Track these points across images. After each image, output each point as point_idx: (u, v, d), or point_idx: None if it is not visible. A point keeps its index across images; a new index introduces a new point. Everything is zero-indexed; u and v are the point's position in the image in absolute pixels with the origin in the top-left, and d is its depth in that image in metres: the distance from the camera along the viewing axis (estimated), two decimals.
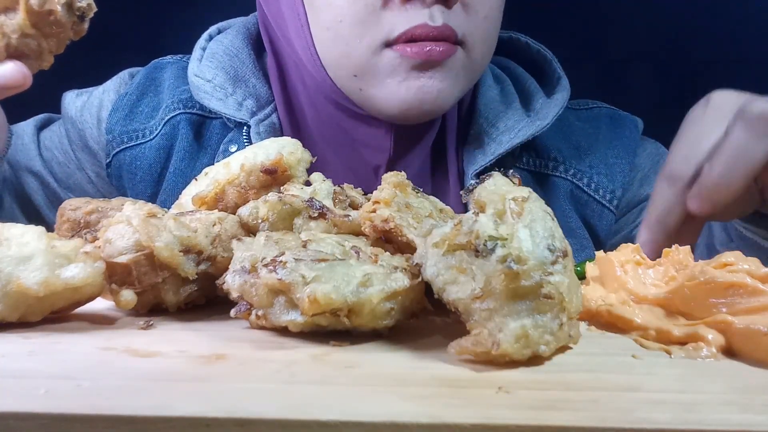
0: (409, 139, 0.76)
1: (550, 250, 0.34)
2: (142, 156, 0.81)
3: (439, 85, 0.67)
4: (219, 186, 0.51)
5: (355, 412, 0.27)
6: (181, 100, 0.82)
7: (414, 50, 0.65)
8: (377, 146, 0.76)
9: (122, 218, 0.43)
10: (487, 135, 0.76)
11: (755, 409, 0.28)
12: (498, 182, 0.39)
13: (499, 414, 0.27)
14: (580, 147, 0.82)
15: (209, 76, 0.78)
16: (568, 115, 0.85)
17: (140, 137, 0.81)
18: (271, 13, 0.77)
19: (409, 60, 0.66)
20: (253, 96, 0.78)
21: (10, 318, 0.39)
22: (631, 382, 0.31)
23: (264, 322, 0.39)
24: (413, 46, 0.65)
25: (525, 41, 0.85)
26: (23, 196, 0.85)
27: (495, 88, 0.81)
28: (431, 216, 0.46)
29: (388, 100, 0.68)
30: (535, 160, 0.81)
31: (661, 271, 0.44)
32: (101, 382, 0.30)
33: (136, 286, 0.42)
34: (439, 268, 0.35)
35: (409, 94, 0.67)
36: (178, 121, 0.81)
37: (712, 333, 0.37)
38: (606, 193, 0.81)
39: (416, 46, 0.65)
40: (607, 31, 1.14)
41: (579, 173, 0.81)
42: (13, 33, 0.51)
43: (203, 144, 0.81)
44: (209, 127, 0.81)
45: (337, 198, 0.51)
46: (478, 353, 0.33)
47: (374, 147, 0.76)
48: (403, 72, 0.67)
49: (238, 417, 0.26)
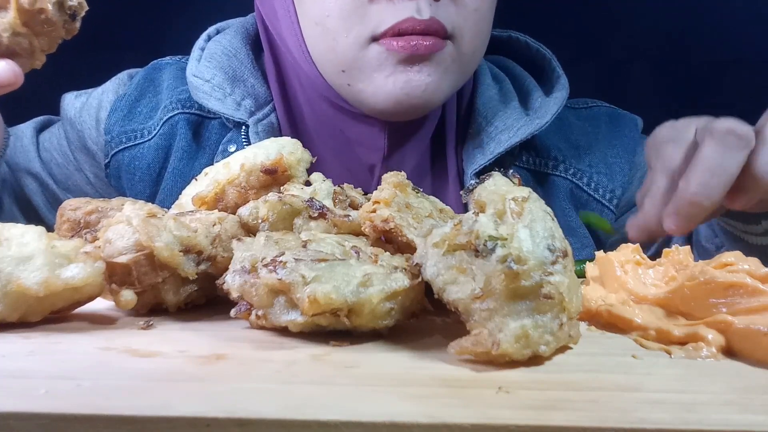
0: (403, 137, 0.76)
1: (550, 250, 0.34)
2: (141, 156, 0.81)
3: (427, 80, 0.67)
4: (219, 186, 0.51)
5: (355, 412, 0.27)
6: (180, 100, 0.82)
7: (400, 44, 0.65)
8: (371, 145, 0.76)
9: (122, 218, 0.43)
10: (485, 134, 0.76)
11: (755, 409, 0.28)
12: (498, 182, 0.39)
13: (499, 414, 0.27)
14: (579, 146, 0.82)
15: (208, 76, 0.78)
16: (568, 115, 0.85)
17: (139, 137, 0.81)
18: (265, 11, 0.78)
19: (396, 54, 0.66)
20: (252, 96, 0.78)
21: (10, 318, 0.39)
22: (631, 382, 0.31)
23: (264, 322, 0.39)
24: (399, 40, 0.65)
25: (524, 41, 0.85)
26: (23, 198, 0.85)
27: (494, 87, 0.81)
28: (431, 216, 0.46)
29: (375, 95, 0.68)
30: (534, 159, 0.81)
31: (661, 271, 0.44)
32: (101, 382, 0.30)
33: (136, 286, 0.42)
34: (439, 268, 0.35)
35: (396, 88, 0.67)
36: (177, 121, 0.81)
37: (712, 333, 0.37)
38: (606, 193, 0.81)
39: (402, 40, 0.65)
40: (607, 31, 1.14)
41: (579, 172, 0.81)
42: (4, 32, 0.51)
43: (202, 144, 0.81)
44: (208, 127, 0.81)
45: (337, 198, 0.51)
46: (478, 353, 0.33)
47: (368, 146, 0.76)
48: (389, 66, 0.67)
49: (238, 417, 0.26)
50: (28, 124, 0.87)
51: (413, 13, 0.65)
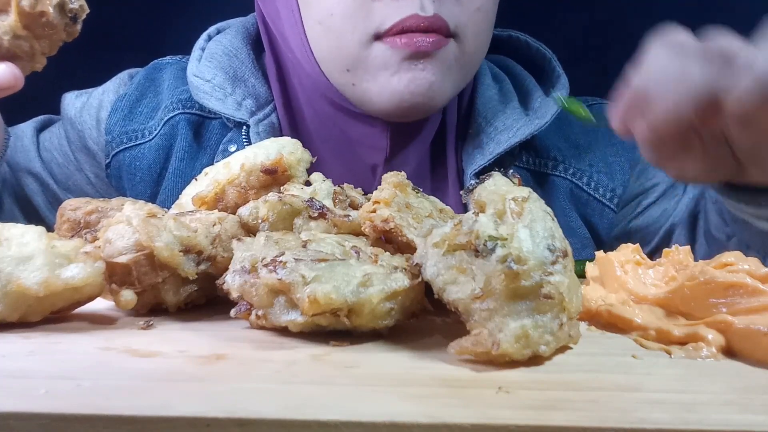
0: (405, 137, 0.76)
1: (550, 250, 0.34)
2: (142, 156, 0.81)
3: (431, 78, 0.67)
4: (219, 186, 0.51)
5: (355, 412, 0.27)
6: (181, 101, 0.82)
7: (404, 41, 0.65)
8: (373, 145, 0.76)
9: (122, 218, 0.43)
10: (485, 134, 0.76)
11: (755, 409, 0.28)
12: (498, 182, 0.39)
13: (499, 414, 0.27)
14: (579, 145, 0.82)
15: (208, 76, 0.78)
16: (567, 114, 0.84)
17: (139, 138, 0.81)
18: (267, 10, 0.78)
19: (400, 51, 0.66)
20: (252, 96, 0.78)
21: (10, 318, 0.39)
22: (631, 382, 0.31)
23: (264, 322, 0.39)
24: (403, 37, 0.65)
25: (524, 40, 0.85)
26: (23, 198, 0.85)
27: (494, 87, 0.81)
28: (431, 216, 0.46)
29: (380, 94, 0.68)
30: (534, 160, 0.81)
31: (661, 271, 0.44)
32: (101, 382, 0.30)
33: (136, 286, 0.42)
34: (439, 268, 0.35)
35: (401, 86, 0.67)
36: (178, 122, 0.81)
37: (712, 333, 0.37)
38: (606, 192, 0.81)
39: (406, 37, 0.65)
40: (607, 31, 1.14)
41: (579, 172, 0.81)
42: (5, 35, 0.52)
43: (203, 144, 0.81)
44: (208, 127, 0.81)
45: (337, 198, 0.51)
46: (478, 353, 0.33)
47: (370, 146, 0.76)
48: (394, 64, 0.67)
49: (238, 417, 0.26)
50: (29, 124, 0.87)
51: (417, 10, 0.65)
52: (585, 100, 0.88)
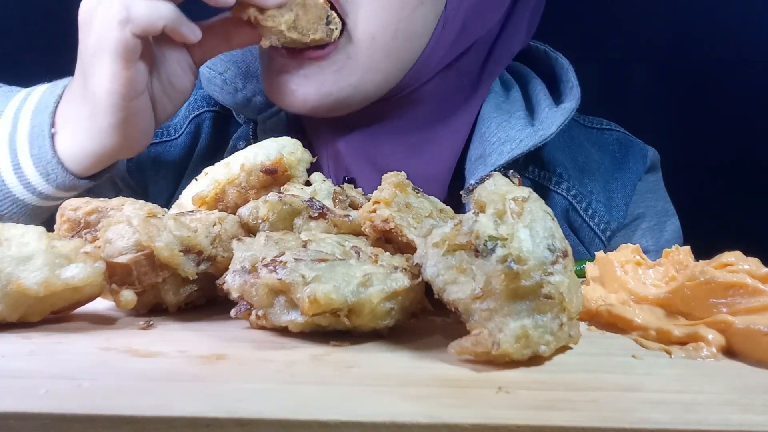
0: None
1: (550, 250, 0.34)
2: (167, 153, 0.81)
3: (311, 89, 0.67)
4: (219, 186, 0.51)
5: (355, 412, 0.27)
6: (204, 98, 0.82)
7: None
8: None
9: (122, 218, 0.43)
10: (488, 144, 0.75)
11: (755, 409, 0.28)
12: (498, 182, 0.38)
13: (499, 414, 0.27)
14: (585, 170, 0.81)
15: (221, 69, 0.78)
16: (579, 133, 0.83)
17: (165, 135, 0.81)
18: None
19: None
20: (263, 92, 0.78)
21: (10, 318, 0.39)
22: (631, 382, 0.31)
23: (264, 322, 0.39)
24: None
25: (543, 49, 0.84)
26: None
27: (501, 94, 0.79)
28: (431, 216, 0.46)
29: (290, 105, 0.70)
30: (540, 172, 0.80)
31: (661, 271, 0.44)
32: (101, 382, 0.30)
33: (136, 286, 0.42)
34: (439, 268, 0.35)
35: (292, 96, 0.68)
36: (203, 120, 0.81)
37: (712, 333, 0.37)
38: (601, 222, 0.79)
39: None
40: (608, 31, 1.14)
41: (580, 195, 0.80)
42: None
43: (224, 141, 0.81)
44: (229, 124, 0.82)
45: (337, 198, 0.51)
46: (478, 353, 0.33)
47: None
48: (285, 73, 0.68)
49: (238, 417, 0.26)
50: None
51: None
52: (600, 120, 0.87)
